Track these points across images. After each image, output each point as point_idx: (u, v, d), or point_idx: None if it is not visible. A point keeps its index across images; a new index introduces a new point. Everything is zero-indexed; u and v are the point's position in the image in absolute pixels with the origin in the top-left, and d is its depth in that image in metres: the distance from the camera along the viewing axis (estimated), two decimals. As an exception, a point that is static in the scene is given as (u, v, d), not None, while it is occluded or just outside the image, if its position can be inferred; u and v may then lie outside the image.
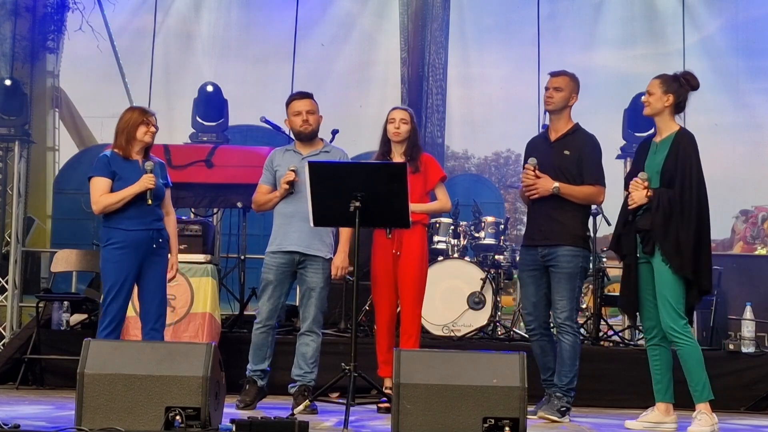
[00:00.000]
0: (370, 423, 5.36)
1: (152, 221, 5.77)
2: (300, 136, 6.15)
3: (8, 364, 7.57)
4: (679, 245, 5.34)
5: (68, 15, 10.82)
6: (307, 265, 6.04)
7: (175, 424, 4.35)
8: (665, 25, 11.38)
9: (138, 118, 5.81)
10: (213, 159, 7.98)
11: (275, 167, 6.18)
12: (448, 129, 11.01)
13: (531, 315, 5.86)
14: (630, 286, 5.53)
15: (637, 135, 9.67)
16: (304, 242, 6.01)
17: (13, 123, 9.37)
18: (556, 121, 5.90)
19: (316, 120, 6.12)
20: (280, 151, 6.28)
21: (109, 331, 5.63)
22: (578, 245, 5.76)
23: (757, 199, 11.27)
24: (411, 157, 6.15)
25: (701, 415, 5.33)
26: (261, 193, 6.21)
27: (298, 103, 6.13)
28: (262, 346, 6.09)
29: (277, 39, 11.45)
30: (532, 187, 5.74)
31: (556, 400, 5.74)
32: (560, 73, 5.92)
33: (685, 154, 5.41)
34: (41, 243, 11.00)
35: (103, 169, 5.78)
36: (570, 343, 5.74)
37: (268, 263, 6.11)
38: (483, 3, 11.90)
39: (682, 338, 5.36)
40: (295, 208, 6.00)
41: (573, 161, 5.78)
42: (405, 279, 6.14)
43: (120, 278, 5.70)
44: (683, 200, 5.37)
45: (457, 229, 8.26)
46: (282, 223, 6.10)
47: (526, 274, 5.89)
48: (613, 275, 8.67)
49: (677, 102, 5.51)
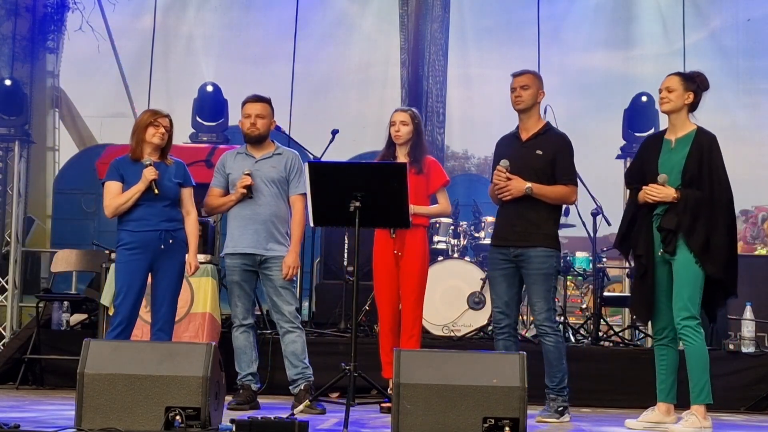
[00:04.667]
0: (371, 423, 5.37)
1: (160, 221, 5.75)
2: (247, 138, 6.18)
3: (8, 364, 7.58)
4: (709, 246, 5.28)
5: (68, 15, 10.84)
6: (269, 264, 6.05)
7: (175, 424, 4.34)
8: (665, 25, 11.39)
9: (147, 119, 5.81)
10: (213, 159, 7.97)
11: (228, 171, 6.19)
12: (448, 129, 11.01)
13: (503, 313, 5.77)
14: (645, 289, 5.45)
15: (637, 135, 9.69)
16: (262, 244, 6.04)
17: (13, 123, 9.36)
18: (526, 120, 5.84)
19: (264, 125, 6.13)
20: (231, 154, 6.29)
21: (118, 332, 5.63)
22: (551, 246, 5.73)
23: (757, 199, 11.29)
24: (414, 158, 6.14)
25: (691, 416, 5.28)
26: (213, 197, 6.24)
27: (249, 105, 6.16)
28: (245, 348, 6.10)
29: (277, 39, 11.46)
30: (504, 189, 5.69)
31: (552, 402, 5.74)
32: (524, 72, 5.86)
33: (710, 154, 5.34)
34: (41, 243, 11.00)
35: (113, 174, 5.80)
36: (553, 343, 5.72)
37: (230, 265, 6.13)
38: (483, 4, 11.91)
39: (692, 337, 5.31)
40: (252, 211, 6.05)
41: (546, 161, 5.73)
42: (407, 280, 6.15)
43: (128, 279, 5.70)
44: (714, 202, 5.30)
45: (457, 229, 8.27)
46: (238, 225, 6.11)
47: (497, 273, 5.81)
48: (613, 275, 8.68)
49: (695, 101, 5.46)
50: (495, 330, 5.84)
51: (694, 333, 5.32)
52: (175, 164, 5.90)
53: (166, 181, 5.78)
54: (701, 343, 5.35)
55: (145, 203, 5.72)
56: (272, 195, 6.07)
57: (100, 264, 7.43)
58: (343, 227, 7.47)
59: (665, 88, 5.48)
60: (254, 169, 6.08)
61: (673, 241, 5.34)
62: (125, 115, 11.75)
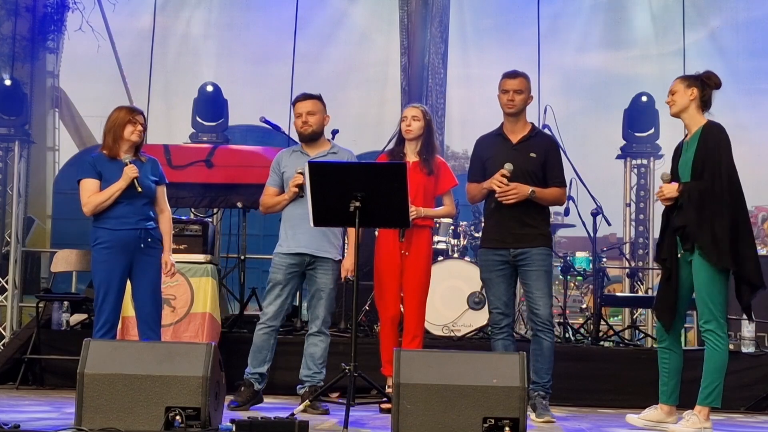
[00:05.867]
0: (371, 423, 5.37)
1: (139, 220, 5.73)
2: (301, 137, 6.16)
3: (8, 364, 7.57)
4: (715, 237, 5.19)
5: (68, 15, 10.83)
6: (317, 266, 6.04)
7: (175, 424, 4.34)
8: (665, 26, 11.39)
9: (124, 117, 5.78)
10: (213, 159, 7.97)
11: (282, 169, 6.15)
12: (448, 129, 11.01)
13: (503, 314, 5.78)
14: (670, 293, 5.38)
15: (637, 135, 9.71)
16: (314, 244, 6.01)
17: (13, 123, 9.38)
18: (515, 122, 5.84)
19: (317, 121, 6.09)
20: (287, 152, 6.26)
21: (103, 332, 5.60)
22: (548, 245, 5.81)
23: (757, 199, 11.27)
24: (425, 157, 6.13)
25: (692, 416, 5.26)
26: (268, 196, 6.19)
27: (299, 104, 6.13)
28: (263, 348, 6.06)
29: (277, 39, 11.46)
30: (508, 194, 5.67)
31: (543, 400, 5.72)
32: (517, 75, 5.85)
33: (714, 144, 5.29)
34: (41, 243, 11.00)
35: (89, 171, 5.76)
36: (551, 341, 5.75)
37: (277, 263, 6.08)
38: (483, 3, 11.91)
39: (715, 342, 5.23)
40: (304, 210, 5.99)
41: (538, 164, 5.76)
42: (411, 280, 6.15)
43: (108, 278, 5.68)
44: (714, 190, 5.23)
45: (457, 229, 8.27)
46: (291, 225, 6.07)
47: (494, 274, 5.80)
48: (613, 275, 8.68)
49: (702, 97, 5.40)
50: (494, 330, 5.83)
51: (717, 338, 5.24)
52: (149, 161, 5.88)
53: (144, 179, 5.75)
54: (723, 348, 5.26)
55: (125, 201, 5.69)
56: None
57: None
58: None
59: (669, 92, 5.50)
60: None
61: (689, 238, 5.28)
62: (125, 115, 11.74)
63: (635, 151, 9.78)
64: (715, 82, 5.44)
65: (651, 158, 9.76)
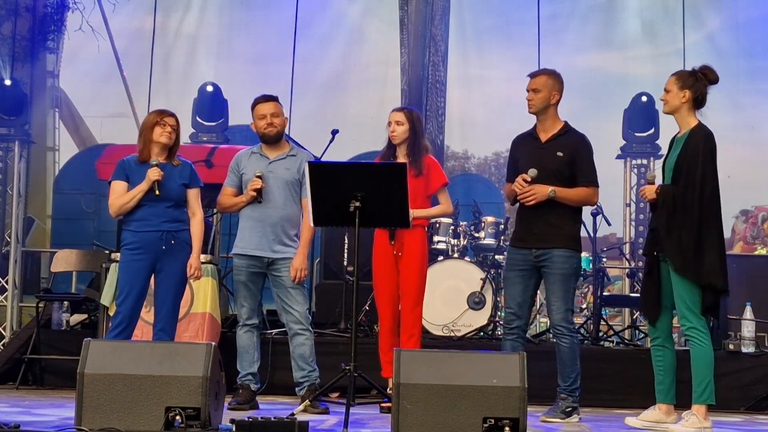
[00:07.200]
0: (371, 423, 5.37)
1: (162, 222, 5.75)
2: (264, 138, 6.14)
3: (8, 364, 7.58)
4: (680, 245, 5.25)
5: (68, 15, 10.83)
6: (278, 266, 6.04)
7: (175, 424, 4.34)
8: (665, 26, 11.39)
9: (153, 119, 5.82)
10: (213, 159, 7.97)
11: (241, 170, 6.17)
12: (448, 129, 11.01)
13: (515, 315, 5.76)
14: (649, 289, 5.45)
15: (637, 135, 9.71)
16: (269, 246, 6.02)
17: (13, 123, 9.37)
18: (543, 121, 5.81)
19: (280, 122, 6.11)
20: (246, 153, 6.25)
21: (118, 332, 5.64)
22: (572, 247, 5.71)
23: (757, 199, 11.29)
24: (413, 159, 6.10)
25: (691, 416, 5.27)
26: (226, 196, 6.22)
27: (262, 106, 6.12)
28: (248, 348, 6.09)
29: (277, 39, 11.47)
30: (527, 195, 5.64)
31: (561, 402, 5.73)
32: (538, 74, 5.83)
33: (694, 151, 5.31)
34: (41, 243, 11.00)
35: (119, 173, 5.82)
36: (568, 344, 5.71)
37: (237, 266, 6.12)
38: (483, 3, 11.91)
39: (698, 339, 5.28)
40: (262, 213, 6.03)
41: (565, 163, 5.70)
42: (406, 279, 6.15)
43: (129, 279, 5.72)
44: (686, 198, 5.27)
45: (457, 229, 8.26)
46: (248, 227, 6.10)
47: (513, 274, 5.80)
48: (613, 275, 8.68)
49: (695, 97, 5.41)
50: (504, 330, 5.83)
51: (699, 334, 5.29)
52: (182, 165, 5.90)
53: (170, 182, 5.77)
54: (707, 344, 5.30)
55: (147, 204, 5.73)
56: (284, 197, 6.04)
57: (100, 264, 7.43)
58: (343, 227, 7.47)
59: (664, 89, 5.50)
60: (267, 171, 6.04)
61: (658, 243, 5.35)
62: (125, 115, 11.77)
63: (635, 151, 9.78)
64: (711, 78, 5.44)
65: (651, 158, 9.76)
